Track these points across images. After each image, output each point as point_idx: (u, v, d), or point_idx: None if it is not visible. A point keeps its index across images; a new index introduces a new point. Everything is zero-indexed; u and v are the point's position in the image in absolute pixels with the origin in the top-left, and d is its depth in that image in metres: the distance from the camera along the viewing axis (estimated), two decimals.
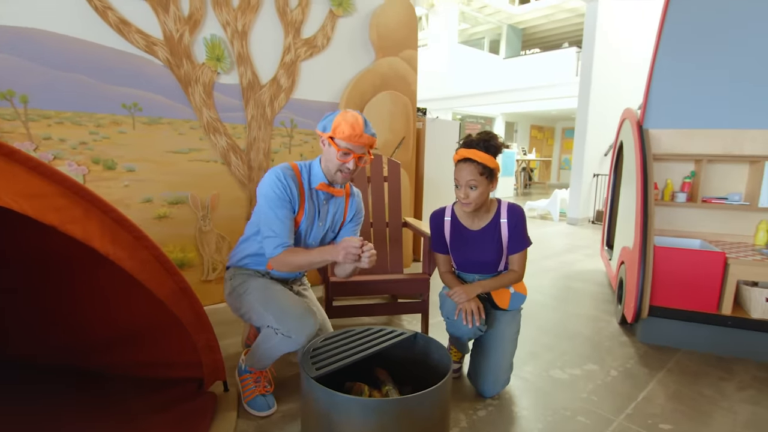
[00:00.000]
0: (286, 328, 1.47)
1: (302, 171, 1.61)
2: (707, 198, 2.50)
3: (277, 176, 1.52)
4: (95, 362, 1.75)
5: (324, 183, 1.60)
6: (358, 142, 1.51)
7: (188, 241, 2.50)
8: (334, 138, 1.51)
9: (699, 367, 2.02)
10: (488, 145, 1.56)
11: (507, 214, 1.69)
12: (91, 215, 1.27)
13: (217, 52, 2.48)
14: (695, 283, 2.13)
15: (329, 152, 1.54)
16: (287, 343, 1.49)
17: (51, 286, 1.70)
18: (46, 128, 2.03)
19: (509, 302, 1.75)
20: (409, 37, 3.40)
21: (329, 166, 1.56)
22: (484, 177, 1.58)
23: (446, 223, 1.78)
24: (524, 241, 1.70)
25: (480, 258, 1.73)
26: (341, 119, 1.50)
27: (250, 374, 1.63)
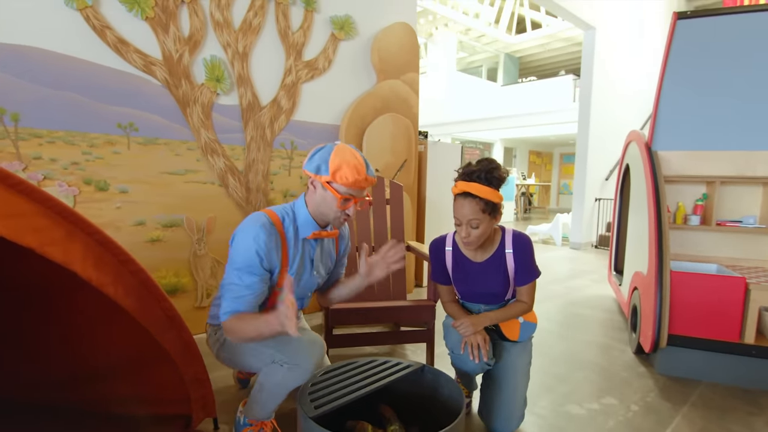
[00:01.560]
0: (291, 357, 1.32)
1: (285, 220, 1.38)
2: (721, 221, 2.41)
3: (254, 237, 1.29)
4: (70, 398, 1.60)
5: (316, 232, 1.41)
6: (362, 187, 1.34)
7: (182, 265, 2.39)
8: (332, 183, 1.31)
9: (725, 401, 1.89)
10: (490, 177, 1.41)
11: (513, 245, 1.55)
12: (74, 237, 1.18)
13: (216, 72, 2.44)
14: (715, 310, 2.02)
15: (325, 197, 1.34)
16: (296, 373, 1.32)
17: (23, 314, 1.58)
18: (37, 147, 1.96)
19: (519, 332, 1.62)
20: (411, 61, 3.39)
21: (325, 212, 1.37)
22: (487, 214, 1.43)
23: (447, 253, 1.65)
24: (533, 273, 1.56)
25: (485, 290, 1.61)
26: (340, 161, 1.29)
27: (251, 427, 1.43)
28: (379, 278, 1.48)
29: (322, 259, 1.53)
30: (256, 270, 1.31)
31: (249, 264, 1.30)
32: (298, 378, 1.33)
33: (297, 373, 1.33)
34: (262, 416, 1.43)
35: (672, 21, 2.34)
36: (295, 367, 1.32)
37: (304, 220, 1.40)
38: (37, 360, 1.62)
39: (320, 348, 1.38)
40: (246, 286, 1.30)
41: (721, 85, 2.36)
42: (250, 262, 1.30)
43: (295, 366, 1.32)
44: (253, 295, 1.32)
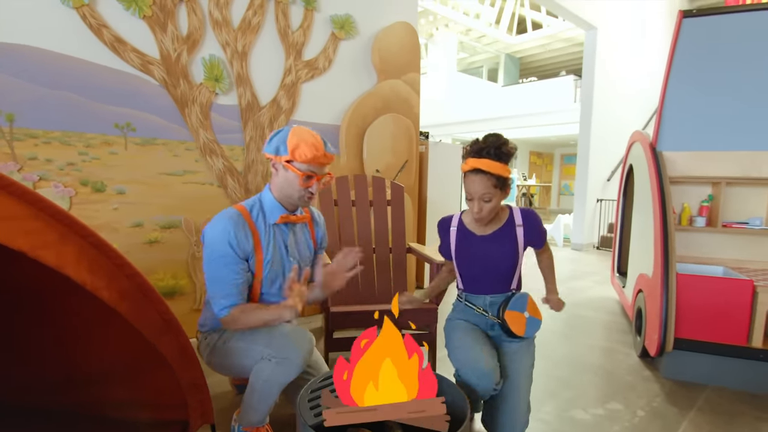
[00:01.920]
0: (279, 350, 1.30)
1: (252, 211, 1.40)
2: (727, 222, 2.38)
3: (223, 230, 1.32)
4: (65, 402, 1.57)
5: (283, 215, 1.42)
6: (321, 163, 1.36)
7: (180, 267, 2.36)
8: (293, 162, 1.34)
9: (732, 406, 1.85)
10: (500, 153, 1.42)
11: (522, 219, 1.58)
12: (67, 240, 1.14)
13: (215, 72, 2.41)
14: (722, 314, 1.98)
15: (287, 177, 1.36)
16: (284, 367, 1.30)
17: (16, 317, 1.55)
18: (33, 148, 1.93)
19: (525, 328, 1.57)
20: (412, 61, 3.36)
21: (288, 192, 1.38)
22: (498, 188, 1.45)
23: (452, 233, 1.63)
24: (545, 232, 1.65)
25: (490, 268, 1.58)
26: (298, 140, 1.32)
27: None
28: (337, 288, 1.45)
29: (298, 246, 1.52)
30: (232, 260, 1.33)
31: (224, 256, 1.32)
32: (287, 372, 1.31)
33: (286, 367, 1.30)
34: (255, 421, 1.39)
35: (678, 20, 2.30)
36: (283, 360, 1.30)
37: (270, 206, 1.42)
38: (30, 363, 1.58)
39: (308, 341, 1.36)
40: (227, 281, 1.33)
41: (727, 85, 2.33)
42: (225, 253, 1.32)
43: (283, 359, 1.30)
44: (239, 284, 1.34)
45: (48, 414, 1.56)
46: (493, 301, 1.61)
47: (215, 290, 1.34)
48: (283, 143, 1.34)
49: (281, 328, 1.37)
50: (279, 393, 1.36)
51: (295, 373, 1.31)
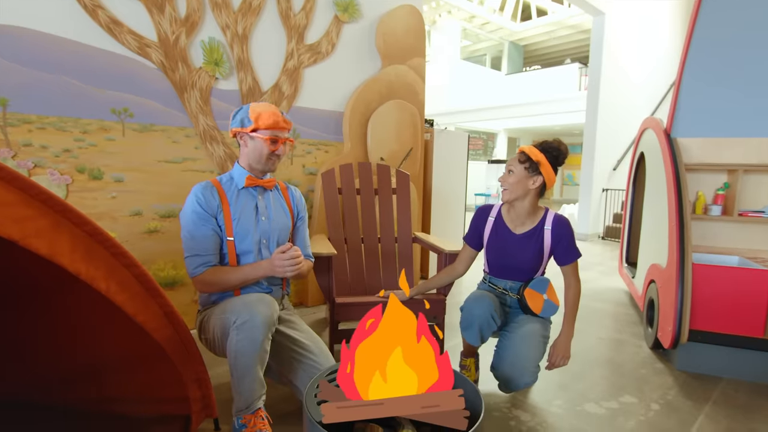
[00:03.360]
0: (238, 314, 1.31)
1: (222, 180, 1.55)
2: (744, 211, 2.31)
3: (191, 194, 1.47)
4: (65, 397, 1.52)
5: (250, 176, 1.54)
6: (283, 127, 1.52)
7: (180, 257, 2.28)
8: (257, 130, 1.49)
9: (749, 399, 1.80)
10: (544, 146, 1.59)
11: (552, 223, 1.64)
12: (61, 228, 1.08)
13: (215, 56, 2.33)
14: (738, 305, 1.92)
15: (255, 145, 1.50)
16: (246, 332, 1.28)
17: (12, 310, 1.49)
18: (27, 134, 1.86)
19: (542, 308, 1.65)
20: (417, 45, 3.27)
21: (256, 157, 1.52)
22: (524, 166, 1.57)
23: (489, 222, 1.73)
24: (574, 251, 1.63)
25: (516, 263, 1.67)
26: (259, 111, 1.48)
27: (245, 428, 1.34)
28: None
29: (269, 209, 1.60)
30: (202, 217, 1.45)
31: (194, 213, 1.45)
32: (250, 337, 1.29)
33: (247, 331, 1.29)
34: (243, 404, 1.33)
35: (696, 1, 2.21)
36: (242, 324, 1.29)
37: (238, 174, 1.56)
38: (28, 359, 1.54)
39: (268, 305, 1.35)
40: (198, 238, 1.44)
41: (746, 69, 2.24)
42: (194, 211, 1.45)
43: (242, 324, 1.29)
44: (209, 242, 1.46)
45: (48, 410, 1.52)
46: (513, 286, 1.72)
47: (188, 249, 1.45)
48: (246, 116, 1.49)
49: (243, 297, 1.40)
50: (255, 366, 1.31)
51: (258, 336, 1.29)
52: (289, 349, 1.52)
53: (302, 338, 1.56)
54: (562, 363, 1.61)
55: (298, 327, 1.62)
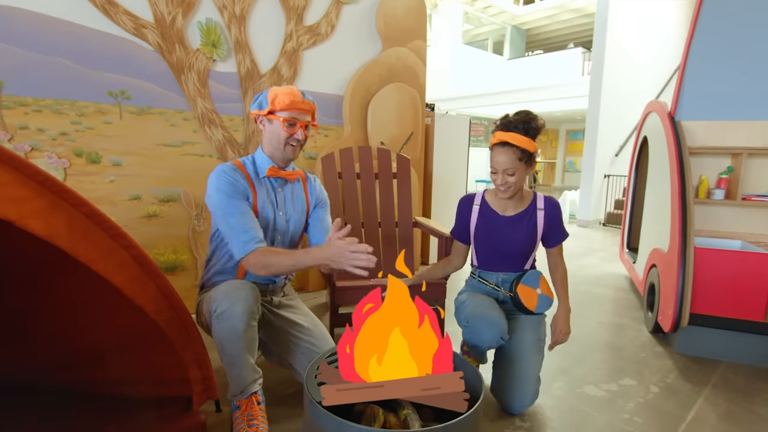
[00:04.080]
0: (217, 304, 1.27)
1: (246, 164, 1.48)
2: (747, 195, 2.29)
3: (219, 173, 1.40)
4: (66, 380, 1.53)
5: (273, 167, 1.47)
6: (301, 108, 1.42)
7: (181, 242, 2.30)
8: (274, 111, 1.41)
9: (748, 382, 1.81)
10: (528, 127, 1.45)
11: (545, 204, 1.60)
12: (58, 209, 1.07)
13: (212, 37, 2.29)
14: (739, 289, 1.92)
15: (273, 129, 1.44)
16: (225, 321, 1.26)
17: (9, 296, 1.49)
18: (23, 116, 1.84)
19: (536, 304, 1.59)
20: (418, 27, 3.21)
21: (275, 143, 1.44)
22: (523, 162, 1.47)
23: (474, 210, 1.66)
24: (564, 233, 1.62)
25: (507, 247, 1.60)
26: (276, 92, 1.41)
27: (239, 410, 1.35)
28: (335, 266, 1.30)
29: (287, 202, 1.54)
30: (236, 194, 1.38)
31: (230, 190, 1.37)
32: (230, 325, 1.26)
33: (226, 320, 1.26)
34: (236, 390, 1.34)
35: None
36: (222, 314, 1.27)
37: (261, 161, 1.49)
38: (28, 342, 1.54)
39: (247, 291, 1.30)
40: (244, 212, 1.36)
41: (752, 52, 2.20)
42: (228, 190, 1.37)
43: (222, 313, 1.27)
44: (251, 217, 1.38)
45: (48, 393, 1.53)
46: (505, 279, 1.65)
47: (233, 226, 1.34)
48: (265, 98, 1.43)
49: (224, 285, 1.34)
50: (242, 354, 1.30)
51: (239, 324, 1.26)
52: (289, 333, 1.53)
53: (303, 322, 1.56)
54: (563, 339, 1.60)
55: (299, 311, 1.62)
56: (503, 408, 1.55)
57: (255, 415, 1.33)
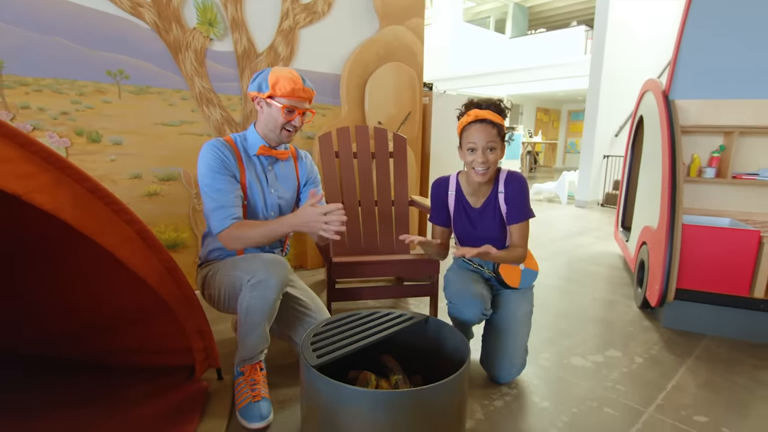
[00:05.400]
0: (254, 273, 1.33)
1: (237, 141, 1.52)
2: (737, 174, 2.32)
3: (209, 147, 1.43)
4: (73, 350, 1.61)
5: (264, 146, 1.51)
6: (301, 97, 1.44)
7: (181, 220, 2.35)
8: (274, 97, 1.43)
9: (730, 354, 1.88)
10: (499, 108, 1.50)
11: (504, 185, 1.55)
12: (62, 184, 1.12)
13: (209, 15, 2.29)
14: (726, 265, 1.97)
15: (270, 113, 1.46)
16: (260, 290, 1.32)
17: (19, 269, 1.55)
18: (24, 96, 1.86)
19: (520, 280, 1.63)
20: (416, 5, 3.19)
21: (271, 126, 1.48)
22: (500, 139, 1.50)
23: (450, 196, 1.65)
24: (524, 212, 1.54)
25: (484, 235, 1.59)
26: (277, 76, 1.42)
27: (242, 376, 1.42)
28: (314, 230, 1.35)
29: (278, 180, 1.60)
30: (223, 170, 1.42)
31: (217, 166, 1.41)
32: (263, 295, 1.33)
33: (261, 290, 1.32)
34: (246, 355, 1.41)
35: None
36: (258, 283, 1.32)
37: (252, 140, 1.52)
38: (35, 312, 1.61)
39: (284, 267, 1.38)
40: (223, 190, 1.41)
41: (746, 30, 2.20)
42: (215, 166, 1.41)
43: (258, 282, 1.32)
44: (234, 195, 1.43)
45: (54, 361, 1.60)
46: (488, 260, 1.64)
47: (214, 201, 1.40)
48: (265, 80, 1.43)
49: (260, 256, 1.41)
50: (264, 323, 1.37)
51: (271, 295, 1.33)
52: (289, 307, 1.59)
53: (301, 296, 1.63)
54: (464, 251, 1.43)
55: (296, 285, 1.68)
56: (491, 378, 1.62)
57: (257, 381, 1.41)
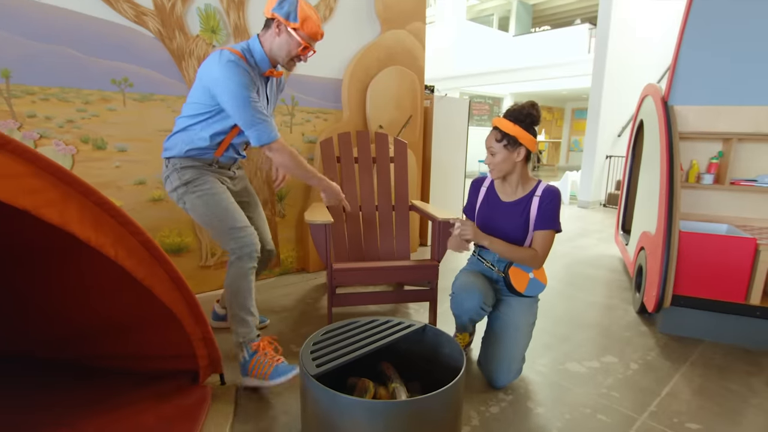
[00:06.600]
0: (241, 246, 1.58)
1: (246, 56, 1.58)
2: (736, 180, 2.34)
3: (236, 66, 1.48)
4: (81, 354, 1.65)
5: (270, 69, 1.65)
6: (317, 39, 1.62)
7: (185, 225, 2.39)
8: (297, 30, 1.55)
9: (725, 360, 1.90)
10: (518, 115, 1.56)
11: (542, 192, 1.64)
12: (70, 198, 1.15)
13: (212, 23, 2.32)
14: (722, 271, 1.99)
15: (288, 41, 1.56)
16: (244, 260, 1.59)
17: (27, 277, 1.59)
18: (31, 105, 1.90)
19: (526, 287, 1.66)
20: (417, 9, 3.21)
21: (284, 53, 1.59)
22: (503, 144, 1.58)
23: (482, 191, 1.77)
24: (553, 222, 1.61)
25: (502, 233, 1.66)
26: (308, 13, 1.54)
27: (256, 355, 1.58)
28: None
29: (272, 95, 1.76)
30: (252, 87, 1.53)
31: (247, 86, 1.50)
32: (246, 264, 1.59)
33: (245, 260, 1.58)
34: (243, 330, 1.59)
35: None
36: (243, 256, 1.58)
37: (260, 58, 1.61)
38: (41, 320, 1.65)
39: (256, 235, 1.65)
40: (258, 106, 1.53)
41: (745, 35, 2.20)
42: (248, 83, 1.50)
43: (243, 255, 1.58)
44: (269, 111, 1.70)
45: (59, 365, 1.64)
46: (501, 259, 1.71)
47: (258, 113, 1.52)
48: (294, 11, 1.53)
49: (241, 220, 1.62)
50: (250, 288, 1.61)
51: (252, 263, 1.60)
52: None
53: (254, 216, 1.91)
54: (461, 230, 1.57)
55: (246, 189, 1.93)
56: (488, 381, 1.65)
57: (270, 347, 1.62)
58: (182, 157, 1.64)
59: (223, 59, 1.48)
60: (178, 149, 1.64)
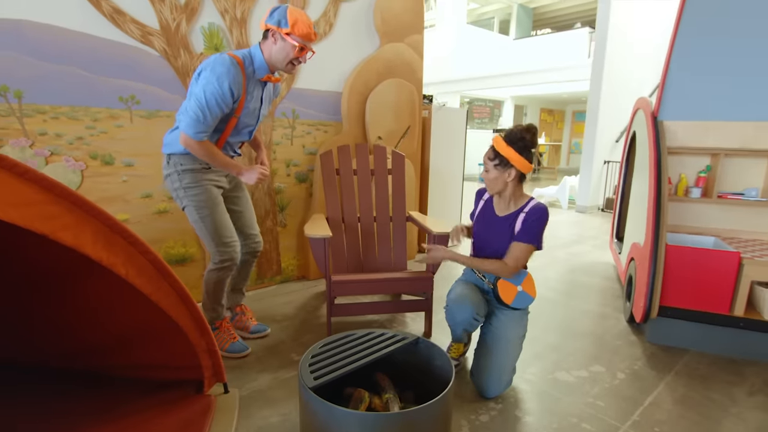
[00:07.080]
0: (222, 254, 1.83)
1: (245, 62, 1.71)
2: (723, 193, 2.41)
3: (224, 70, 1.60)
4: (91, 365, 1.73)
5: (268, 75, 1.77)
6: (312, 39, 1.71)
7: (189, 235, 2.47)
8: (291, 35, 1.66)
9: (708, 370, 1.97)
10: (512, 137, 1.61)
11: (528, 209, 1.68)
12: (84, 222, 1.23)
13: (215, 41, 2.41)
14: (707, 284, 2.06)
15: (284, 47, 1.69)
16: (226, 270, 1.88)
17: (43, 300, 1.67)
18: (42, 123, 1.99)
19: (514, 299, 1.70)
20: (415, 22, 3.28)
21: (281, 58, 1.71)
22: (494, 164, 1.65)
23: (480, 203, 1.86)
24: (532, 237, 1.63)
25: (492, 246, 1.74)
26: (296, 18, 1.66)
27: (218, 329, 1.95)
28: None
29: (267, 98, 1.91)
30: (226, 102, 1.66)
31: (221, 98, 1.63)
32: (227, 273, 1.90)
33: (227, 270, 1.88)
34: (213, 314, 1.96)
35: None
36: (225, 265, 1.84)
37: (259, 64, 1.75)
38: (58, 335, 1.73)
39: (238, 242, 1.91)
40: (213, 115, 1.65)
41: (733, 53, 2.27)
42: (224, 96, 1.63)
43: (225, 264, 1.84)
44: (216, 121, 1.69)
45: (68, 374, 1.73)
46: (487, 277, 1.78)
47: (201, 114, 1.62)
48: (284, 18, 1.66)
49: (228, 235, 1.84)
50: (224, 289, 1.96)
51: (230, 272, 1.90)
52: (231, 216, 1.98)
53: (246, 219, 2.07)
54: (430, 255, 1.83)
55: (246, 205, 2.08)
56: (479, 391, 1.73)
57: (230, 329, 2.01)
58: (182, 155, 1.76)
59: (220, 59, 1.62)
60: (176, 146, 1.75)
